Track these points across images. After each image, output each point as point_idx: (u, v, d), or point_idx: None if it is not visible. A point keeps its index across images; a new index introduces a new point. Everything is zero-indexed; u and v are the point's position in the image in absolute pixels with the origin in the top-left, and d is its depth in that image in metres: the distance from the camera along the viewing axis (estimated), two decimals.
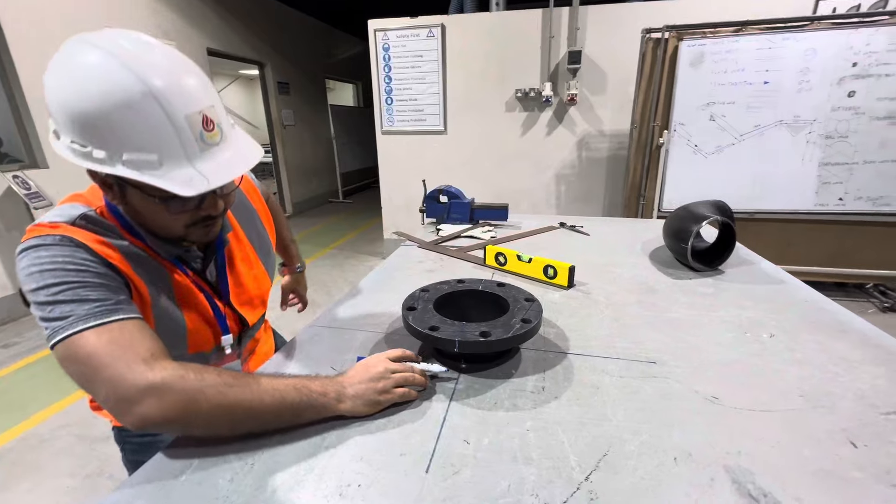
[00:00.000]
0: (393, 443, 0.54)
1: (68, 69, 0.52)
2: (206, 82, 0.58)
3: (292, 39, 5.74)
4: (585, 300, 0.96)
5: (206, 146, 0.57)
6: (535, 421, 0.57)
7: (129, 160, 0.53)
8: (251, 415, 0.53)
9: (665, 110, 2.73)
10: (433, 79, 3.32)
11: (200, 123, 0.55)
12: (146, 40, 0.55)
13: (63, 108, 0.52)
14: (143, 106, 0.51)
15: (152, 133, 0.52)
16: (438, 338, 0.65)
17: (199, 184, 0.55)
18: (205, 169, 0.56)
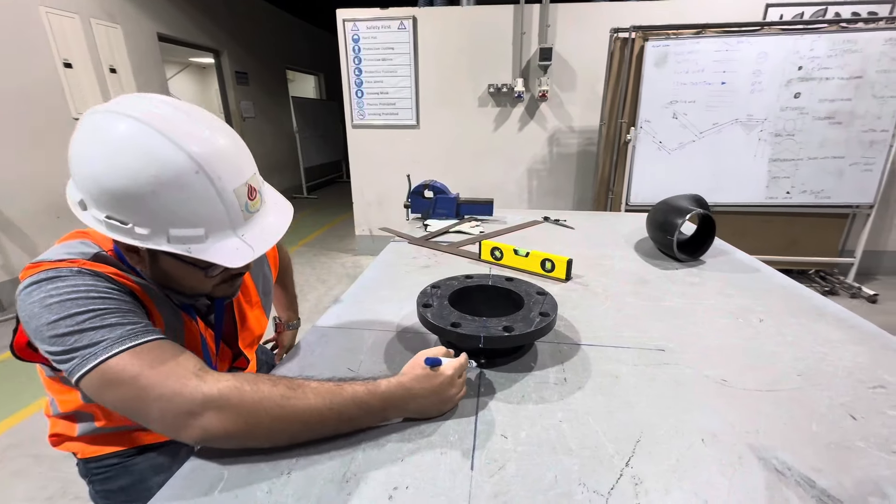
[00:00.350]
0: (431, 443, 0.53)
1: (107, 146, 0.49)
2: (244, 148, 0.58)
3: (251, 27, 5.47)
4: (585, 292, 0.99)
5: (250, 215, 0.57)
6: (566, 412, 0.59)
7: (175, 236, 0.52)
8: (309, 427, 0.51)
9: (632, 108, 2.84)
10: (405, 72, 3.28)
11: (246, 195, 0.55)
12: (182, 106, 0.53)
13: (100, 185, 0.50)
14: (195, 185, 0.50)
15: (202, 209, 0.52)
16: (463, 334, 0.64)
17: (246, 254, 0.55)
18: (249, 237, 0.56)
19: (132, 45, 3.71)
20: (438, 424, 0.56)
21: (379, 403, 0.54)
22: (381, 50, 3.25)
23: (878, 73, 2.57)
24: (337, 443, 0.53)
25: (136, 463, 0.74)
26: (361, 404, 0.53)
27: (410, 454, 0.51)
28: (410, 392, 0.55)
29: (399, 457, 0.51)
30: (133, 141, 0.49)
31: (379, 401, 0.54)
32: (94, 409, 0.70)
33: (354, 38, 3.24)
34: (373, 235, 3.73)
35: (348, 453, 0.51)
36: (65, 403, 0.70)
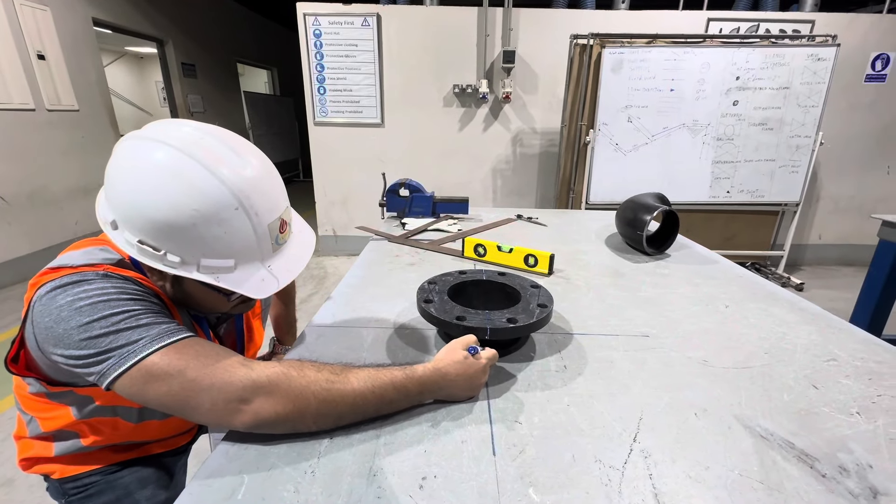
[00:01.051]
0: (449, 432, 0.54)
1: (148, 174, 0.49)
2: (279, 182, 0.58)
3: (198, 17, 5.16)
4: (568, 285, 1.04)
5: (279, 246, 0.58)
6: (571, 397, 0.62)
7: (206, 266, 0.52)
8: (353, 410, 0.53)
9: (591, 111, 2.98)
10: (369, 70, 3.24)
11: (278, 228, 0.56)
12: (223, 137, 0.54)
13: (138, 212, 0.50)
14: (233, 220, 0.51)
15: (236, 243, 0.52)
16: (469, 327, 0.66)
17: (271, 285, 0.55)
18: (275, 268, 0.57)
19: (63, 30, 3.40)
20: (452, 414, 0.57)
21: (416, 387, 0.56)
22: (344, 46, 3.19)
23: (801, 85, 2.87)
24: (356, 438, 0.53)
25: (121, 477, 0.70)
26: (400, 388, 0.54)
27: (431, 445, 0.52)
28: (446, 377, 0.57)
29: (421, 448, 0.52)
30: (175, 172, 0.49)
31: (416, 385, 0.56)
32: (82, 426, 0.67)
33: (316, 32, 3.16)
34: (336, 236, 3.65)
35: (370, 447, 0.51)
36: (48, 422, 0.66)
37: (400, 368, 0.56)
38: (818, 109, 2.90)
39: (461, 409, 0.59)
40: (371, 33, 3.15)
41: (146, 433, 0.72)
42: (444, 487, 0.46)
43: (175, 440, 0.78)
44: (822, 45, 2.80)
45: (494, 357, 0.62)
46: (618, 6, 3.29)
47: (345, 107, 3.33)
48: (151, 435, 0.73)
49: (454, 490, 0.46)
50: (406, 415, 0.57)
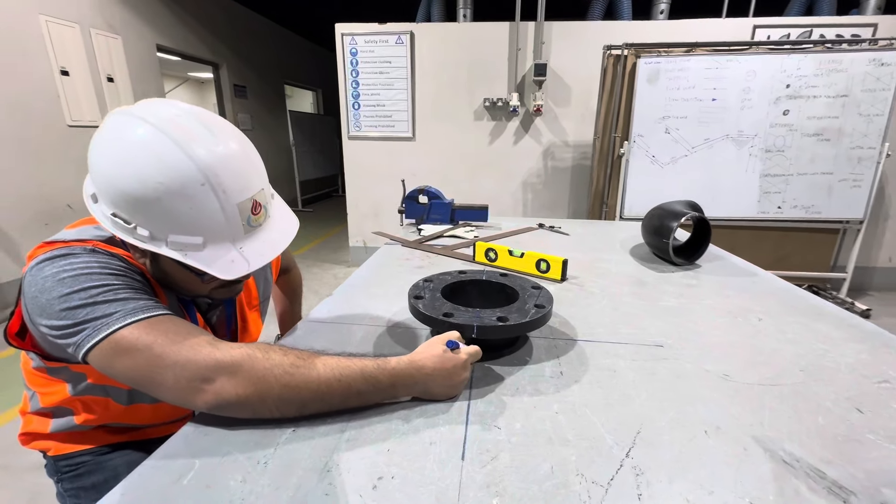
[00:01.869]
0: (419, 431, 0.50)
1: (120, 146, 0.50)
2: (256, 163, 0.58)
3: (250, 42, 5.55)
4: (581, 292, 0.97)
5: (251, 228, 0.56)
6: (562, 404, 0.56)
7: (175, 242, 0.52)
8: (318, 398, 0.50)
9: (625, 122, 2.88)
10: (402, 85, 3.32)
11: (249, 209, 0.55)
12: (202, 117, 0.54)
13: (111, 184, 0.51)
14: (199, 196, 0.50)
15: (203, 220, 0.52)
16: (455, 324, 0.62)
17: (240, 267, 0.55)
18: (247, 250, 0.56)
19: (131, 55, 3.74)
20: (427, 414, 0.53)
21: (388, 379, 0.52)
22: (378, 63, 3.29)
23: (863, 93, 2.63)
24: (319, 431, 0.50)
25: (110, 459, 0.71)
26: (370, 378, 0.51)
27: (397, 443, 0.48)
28: (422, 371, 0.54)
29: (385, 446, 0.48)
30: (146, 146, 0.50)
31: (388, 377, 0.52)
32: (76, 403, 0.68)
33: (352, 51, 3.29)
34: (367, 247, 3.71)
35: (331, 441, 0.48)
36: (47, 397, 0.68)
37: (372, 359, 0.53)
38: (883, 118, 2.64)
39: (437, 409, 0.54)
40: (404, 50, 3.24)
41: (138, 416, 0.72)
42: (399, 489, 0.42)
43: (170, 427, 0.78)
44: (887, 49, 2.57)
45: (476, 354, 0.58)
46: (655, 16, 3.20)
47: (377, 121, 3.42)
48: (144, 419, 0.74)
49: (410, 493, 0.42)
50: (377, 410, 0.53)
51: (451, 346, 0.56)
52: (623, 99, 2.86)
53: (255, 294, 0.82)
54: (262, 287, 0.84)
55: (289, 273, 1.08)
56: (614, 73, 2.86)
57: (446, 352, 0.55)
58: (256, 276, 0.81)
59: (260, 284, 0.83)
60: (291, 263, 1.08)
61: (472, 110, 3.33)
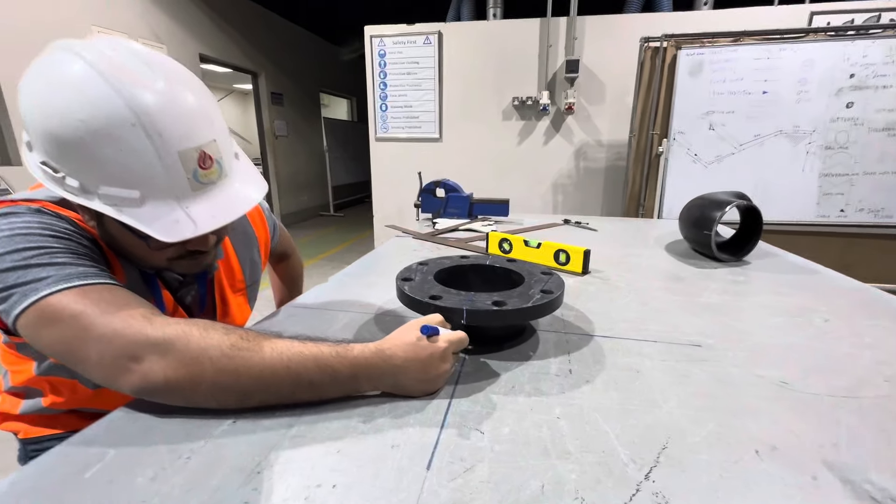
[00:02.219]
0: (381, 432, 0.41)
1: (47, 81, 0.45)
2: (209, 111, 0.50)
3: (288, 51, 5.73)
4: (604, 285, 0.85)
5: (201, 186, 0.49)
6: (567, 407, 0.45)
7: (107, 195, 0.45)
8: (262, 387, 0.42)
9: (664, 119, 2.69)
10: (429, 86, 3.28)
11: (196, 161, 0.47)
12: (146, 56, 0.47)
13: (37, 124, 0.45)
14: (128, 138, 0.43)
15: (137, 169, 0.44)
16: (442, 307, 0.52)
17: (185, 228, 0.47)
18: (196, 212, 0.48)
19: None
20: (395, 411, 0.44)
21: (348, 370, 0.43)
22: (406, 64, 3.27)
23: None
24: (263, 423, 0.41)
25: None
26: (325, 368, 0.43)
27: (352, 444, 0.39)
28: (390, 361, 0.44)
29: (336, 447, 0.38)
30: (71, 81, 0.43)
31: (349, 367, 0.43)
32: (44, 384, 0.63)
33: (380, 52, 3.29)
34: None
35: (274, 437, 0.39)
36: (17, 375, 0.64)
37: (332, 344, 0.45)
38: None
39: (410, 407, 0.44)
40: (432, 50, 3.20)
41: (108, 401, 0.67)
42: (339, 501, 0.33)
43: None
44: None
45: (460, 342, 0.48)
46: (699, 6, 3.01)
47: (404, 122, 3.39)
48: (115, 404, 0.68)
49: None
50: (337, 405, 0.44)
51: (426, 333, 0.46)
52: (662, 94, 2.68)
53: (239, 276, 0.75)
54: (249, 269, 0.77)
55: (288, 260, 1.02)
56: (652, 66, 2.69)
57: (421, 339, 0.46)
58: (241, 257, 0.75)
59: (245, 266, 0.76)
60: (291, 249, 1.02)
61: (501, 110, 3.24)
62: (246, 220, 0.76)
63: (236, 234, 0.74)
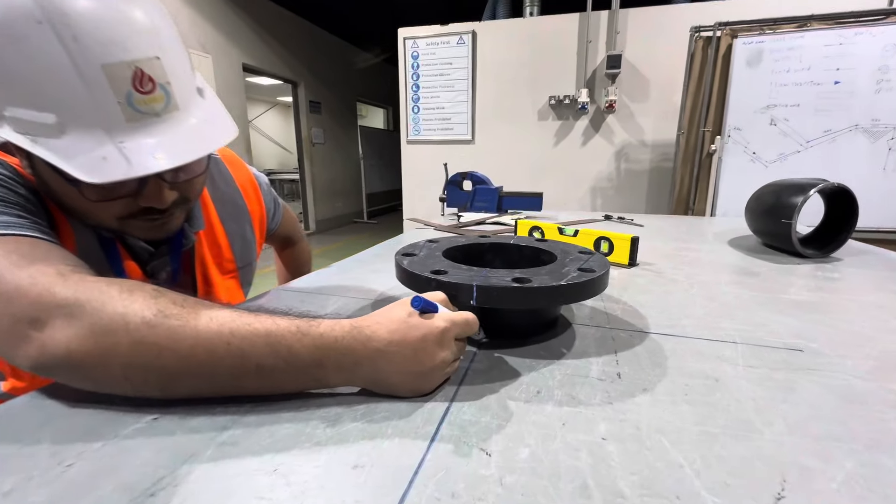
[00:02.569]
0: (346, 443, 0.29)
1: None
2: (155, 23, 0.40)
3: (326, 61, 5.87)
4: (658, 278, 0.69)
5: (139, 116, 0.39)
6: (617, 424, 0.31)
7: (16, 119, 0.36)
8: (192, 369, 0.31)
9: (717, 114, 2.46)
10: (462, 86, 3.20)
11: (130, 81, 0.38)
12: None
13: None
14: (34, 39, 0.34)
15: (48, 84, 0.35)
16: (446, 282, 0.40)
17: (115, 168, 0.37)
18: (132, 148, 0.38)
19: (219, 73, 4.07)
20: (367, 418, 0.31)
21: (309, 352, 0.31)
22: (439, 65, 3.21)
23: None
24: (192, 422, 0.30)
25: None
26: (279, 348, 0.31)
27: (299, 459, 0.27)
28: (369, 344, 0.32)
29: (276, 462, 0.27)
30: None
31: (310, 348, 0.31)
32: (5, 366, 0.56)
33: (413, 55, 3.25)
34: None
35: (198, 442, 0.28)
36: None
37: (293, 318, 0.33)
38: None
39: (393, 410, 0.32)
40: (466, 50, 3.13)
41: None
42: None
43: None
44: None
45: (467, 324, 0.35)
46: None
47: (436, 124, 3.32)
48: None
49: None
50: (297, 402, 0.33)
51: (417, 306, 0.34)
52: (715, 87, 2.45)
53: (227, 255, 0.66)
54: (240, 247, 0.68)
55: (294, 246, 0.93)
56: (704, 58, 2.47)
57: (412, 315, 0.34)
58: (230, 231, 0.66)
59: (235, 243, 0.67)
60: (298, 235, 0.93)
61: (536, 110, 3.10)
62: (235, 191, 0.67)
63: (224, 205, 0.65)
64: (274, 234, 0.84)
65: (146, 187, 0.43)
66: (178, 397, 0.32)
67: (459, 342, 0.36)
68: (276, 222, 0.82)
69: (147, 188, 0.43)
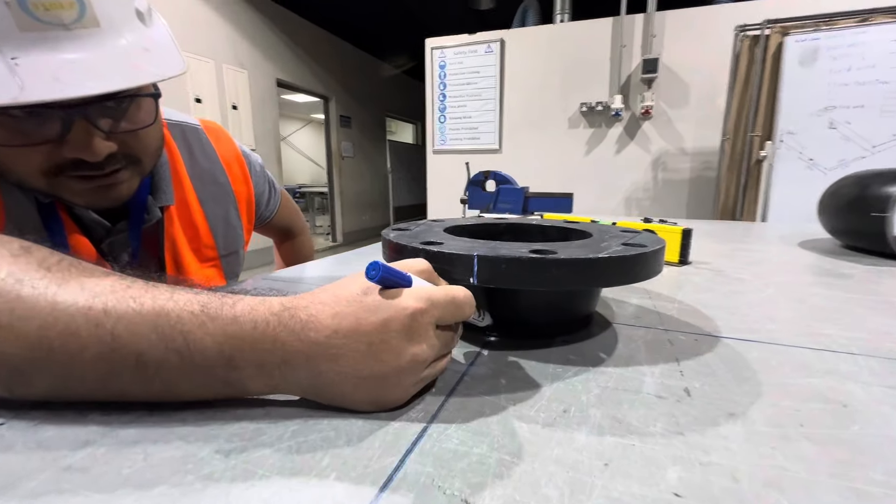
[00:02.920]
0: (246, 480, 0.18)
1: None
2: None
3: (356, 77, 5.99)
4: (718, 277, 0.56)
5: (39, 25, 0.31)
6: (694, 468, 0.19)
7: None
8: (41, 361, 0.21)
9: (767, 118, 2.27)
10: (490, 95, 3.13)
11: None
12: None
13: None
14: None
15: None
16: (436, 253, 0.29)
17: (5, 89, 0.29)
18: (27, 66, 0.30)
19: (254, 87, 4.19)
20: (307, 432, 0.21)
21: (215, 344, 0.21)
22: (466, 74, 3.17)
23: None
24: (42, 432, 0.20)
25: None
26: (170, 335, 0.21)
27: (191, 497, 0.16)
28: (304, 333, 0.22)
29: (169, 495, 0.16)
30: None
31: (217, 337, 0.21)
32: None
33: (441, 64, 3.22)
34: None
35: (31, 467, 0.18)
36: None
37: (204, 294, 0.23)
38: None
39: (340, 431, 0.21)
40: (494, 59, 3.07)
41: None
42: None
43: None
44: None
45: (453, 302, 0.24)
46: None
47: (463, 134, 3.26)
48: None
49: None
50: (208, 413, 0.22)
51: (374, 277, 0.23)
52: (764, 89, 2.27)
53: (207, 240, 0.58)
54: (222, 233, 0.59)
55: (295, 239, 0.85)
56: (751, 58, 2.30)
57: (370, 292, 0.23)
58: (209, 213, 0.57)
59: (217, 227, 0.59)
60: (299, 228, 0.85)
61: (567, 117, 2.98)
62: (217, 167, 0.59)
63: (204, 183, 0.57)
64: (271, 223, 0.76)
65: (71, 131, 0.35)
66: (35, 399, 0.22)
67: (444, 331, 0.24)
68: (270, 210, 0.74)
69: (72, 133, 0.35)
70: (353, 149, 6.07)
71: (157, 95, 0.42)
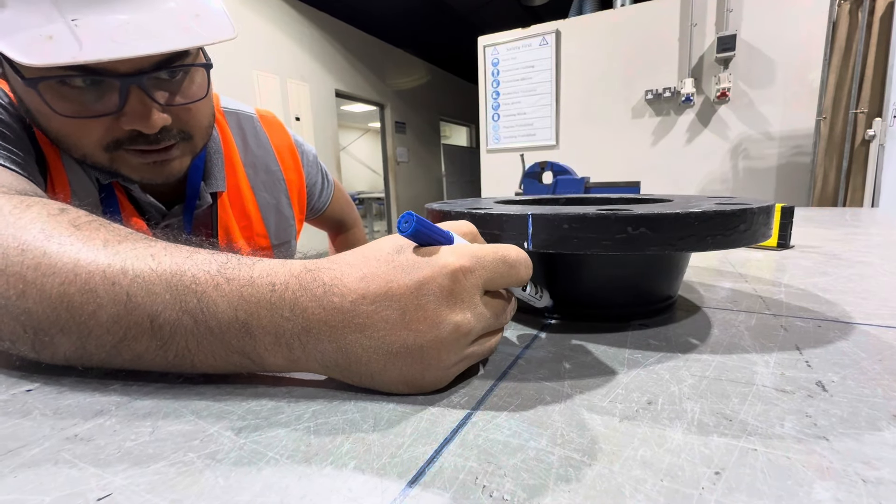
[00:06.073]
0: (253, 465, 0.15)
1: None
2: None
3: (410, 83, 6.11)
4: (834, 260, 0.46)
5: None
6: (853, 488, 0.13)
7: None
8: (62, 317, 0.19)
9: (875, 92, 1.96)
10: (545, 89, 3.02)
11: None
12: None
13: None
14: None
15: None
16: (487, 215, 0.25)
17: (63, 48, 0.29)
18: (86, 26, 0.30)
19: (315, 99, 4.42)
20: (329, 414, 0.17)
21: (229, 307, 0.19)
22: (520, 70, 3.09)
23: None
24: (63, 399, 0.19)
25: None
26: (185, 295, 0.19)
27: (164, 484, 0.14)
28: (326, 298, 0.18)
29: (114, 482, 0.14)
30: None
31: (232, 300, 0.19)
32: None
33: (493, 62, 3.17)
34: None
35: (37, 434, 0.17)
36: None
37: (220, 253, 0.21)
38: None
39: (367, 414, 0.18)
40: (549, 51, 2.96)
41: None
42: None
43: None
44: None
45: (504, 262, 0.20)
46: None
47: (517, 131, 3.18)
48: None
49: None
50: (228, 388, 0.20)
51: (408, 232, 0.18)
52: (870, 60, 1.97)
53: (259, 228, 0.58)
54: (274, 221, 0.60)
55: (348, 233, 0.85)
56: (851, 24, 2.00)
57: (403, 251, 0.19)
58: (261, 201, 0.58)
59: (269, 215, 0.59)
60: (353, 220, 0.85)
61: (630, 107, 2.79)
62: (269, 155, 0.60)
63: (257, 171, 0.58)
64: (324, 215, 0.76)
65: (128, 103, 0.35)
66: (59, 362, 0.21)
67: (494, 299, 0.20)
68: (323, 201, 0.73)
69: (129, 104, 0.36)
70: (408, 154, 6.19)
71: (208, 66, 0.43)
